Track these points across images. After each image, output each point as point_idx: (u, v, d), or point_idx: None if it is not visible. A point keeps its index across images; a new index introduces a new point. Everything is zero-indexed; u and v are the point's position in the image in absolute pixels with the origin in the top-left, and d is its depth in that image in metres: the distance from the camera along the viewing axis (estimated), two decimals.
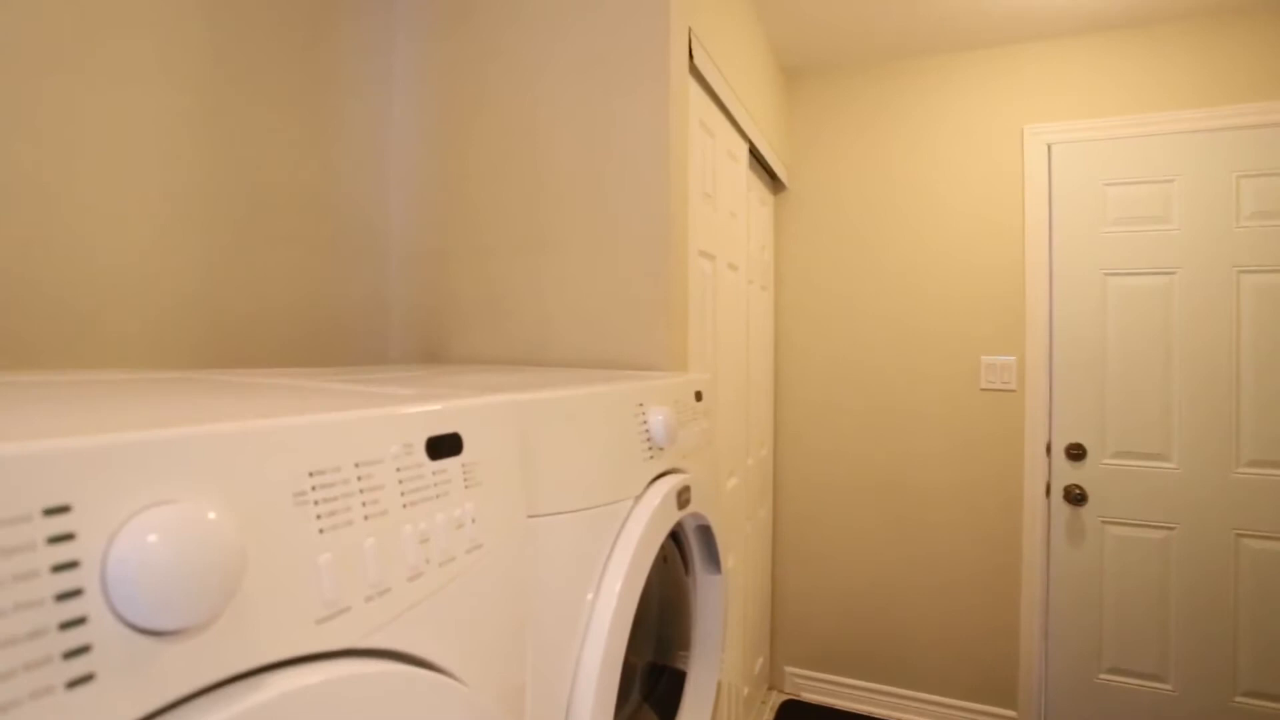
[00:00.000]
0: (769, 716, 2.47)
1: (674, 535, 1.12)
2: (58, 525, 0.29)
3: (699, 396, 1.18)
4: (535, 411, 0.67)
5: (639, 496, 0.86)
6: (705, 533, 1.11)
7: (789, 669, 2.62)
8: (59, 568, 0.28)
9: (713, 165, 1.73)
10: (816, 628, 2.58)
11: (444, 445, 0.52)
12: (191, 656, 0.33)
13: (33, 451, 0.29)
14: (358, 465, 0.44)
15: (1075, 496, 2.20)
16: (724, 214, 1.83)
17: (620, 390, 0.86)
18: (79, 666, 0.28)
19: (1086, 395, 2.21)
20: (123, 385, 0.64)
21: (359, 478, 0.44)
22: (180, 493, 0.34)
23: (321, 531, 0.40)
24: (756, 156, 2.21)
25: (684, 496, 0.95)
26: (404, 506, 0.47)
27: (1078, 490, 2.20)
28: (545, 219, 1.47)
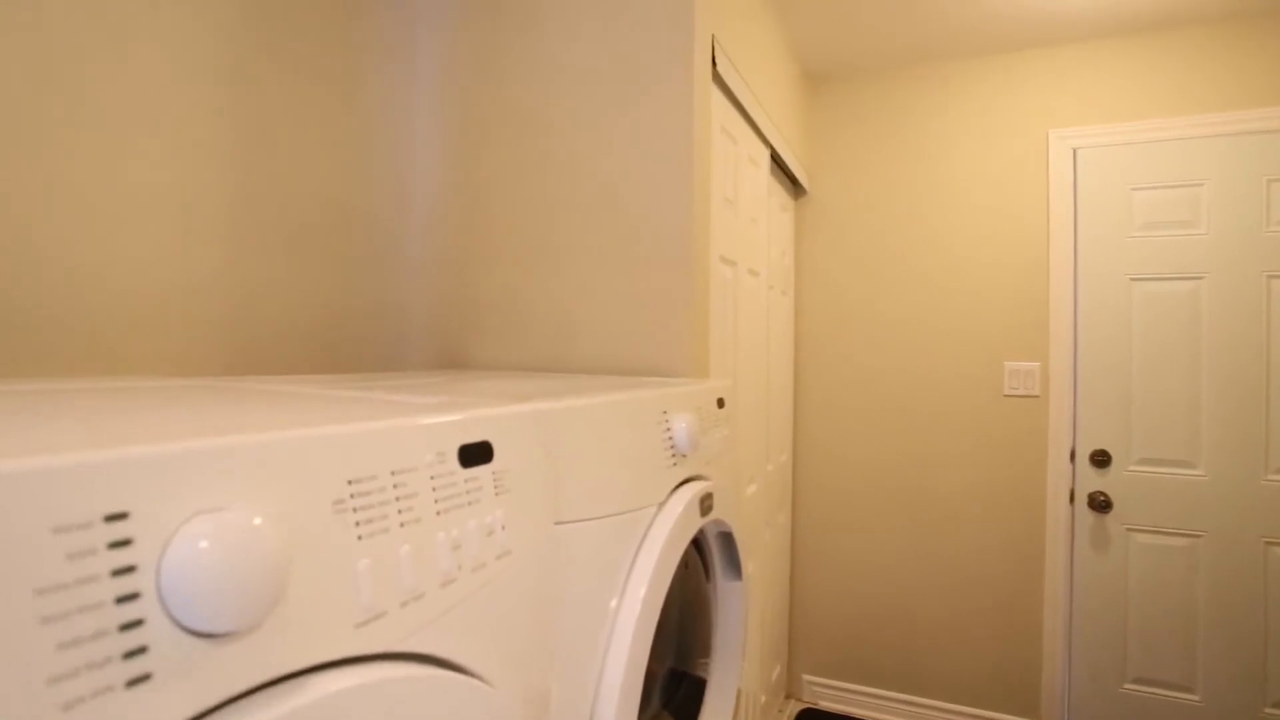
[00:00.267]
0: None
1: (695, 541, 1.12)
2: (117, 531, 0.30)
3: (721, 403, 1.18)
4: (562, 419, 0.68)
5: (662, 504, 0.87)
6: (727, 539, 1.11)
7: (807, 677, 2.61)
8: (118, 572, 0.30)
9: (734, 171, 1.73)
10: (835, 635, 2.56)
11: (475, 453, 0.53)
12: (240, 658, 0.34)
13: (94, 460, 0.30)
14: (393, 474, 0.45)
15: (1100, 503, 2.17)
16: (745, 219, 1.83)
17: (644, 398, 0.86)
18: (137, 666, 0.30)
19: (1111, 401, 2.18)
20: (156, 393, 0.66)
21: (395, 485, 0.45)
22: (227, 500, 0.35)
23: (360, 538, 0.41)
24: (777, 161, 2.21)
25: (706, 503, 0.95)
26: (437, 514, 0.48)
27: (1102, 497, 2.17)
28: (567, 225, 1.48)
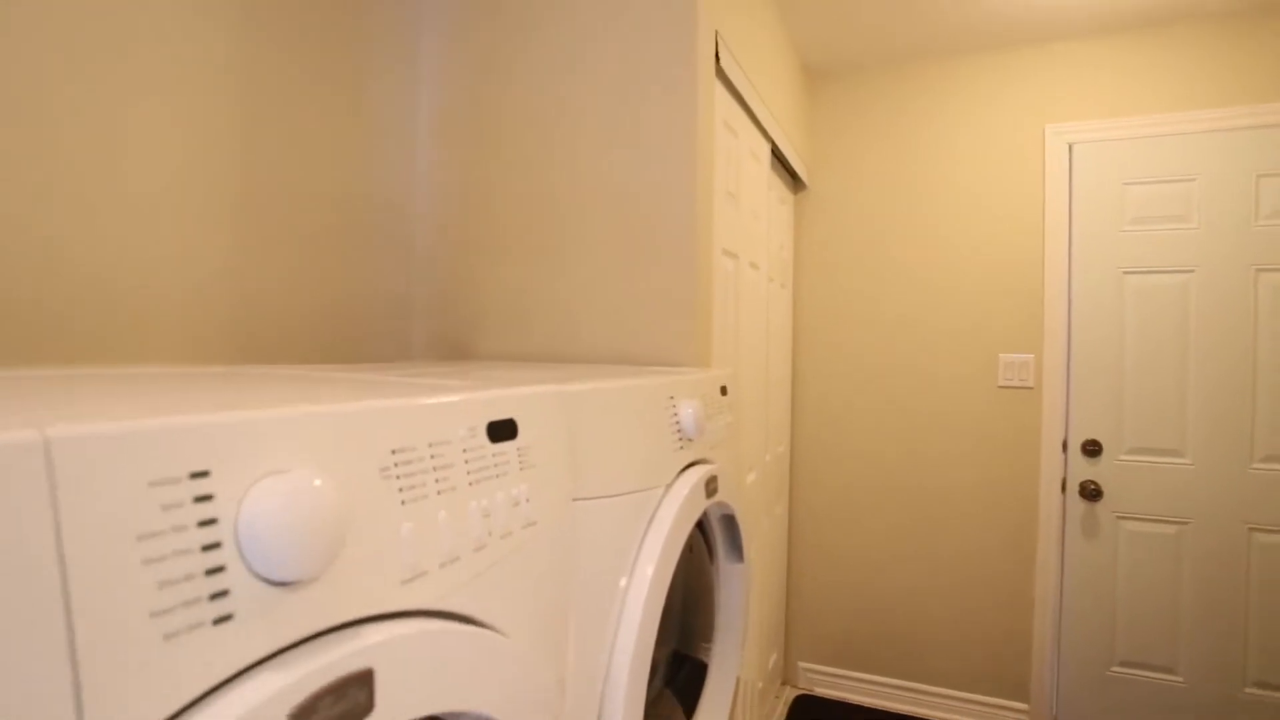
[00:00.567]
0: (782, 711, 2.51)
1: (699, 524, 1.16)
2: (200, 487, 0.34)
3: (724, 391, 1.22)
4: (579, 401, 0.71)
5: (670, 485, 0.91)
6: (730, 522, 1.15)
7: (803, 664, 2.66)
8: (203, 523, 0.33)
9: (736, 165, 1.76)
10: (830, 623, 2.61)
11: (502, 430, 0.56)
12: (304, 606, 0.37)
13: (180, 424, 0.33)
14: (431, 445, 0.48)
15: (1091, 492, 2.22)
16: (746, 213, 1.87)
17: (653, 383, 0.90)
18: (221, 607, 0.33)
19: (1103, 392, 2.23)
20: (186, 378, 0.69)
21: (432, 456, 0.48)
22: (289, 463, 0.38)
23: (403, 503, 0.45)
24: (777, 156, 2.24)
25: (711, 486, 0.99)
26: (470, 484, 0.51)
27: (1093, 486, 2.22)
28: (571, 219, 1.51)
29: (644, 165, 1.44)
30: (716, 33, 1.53)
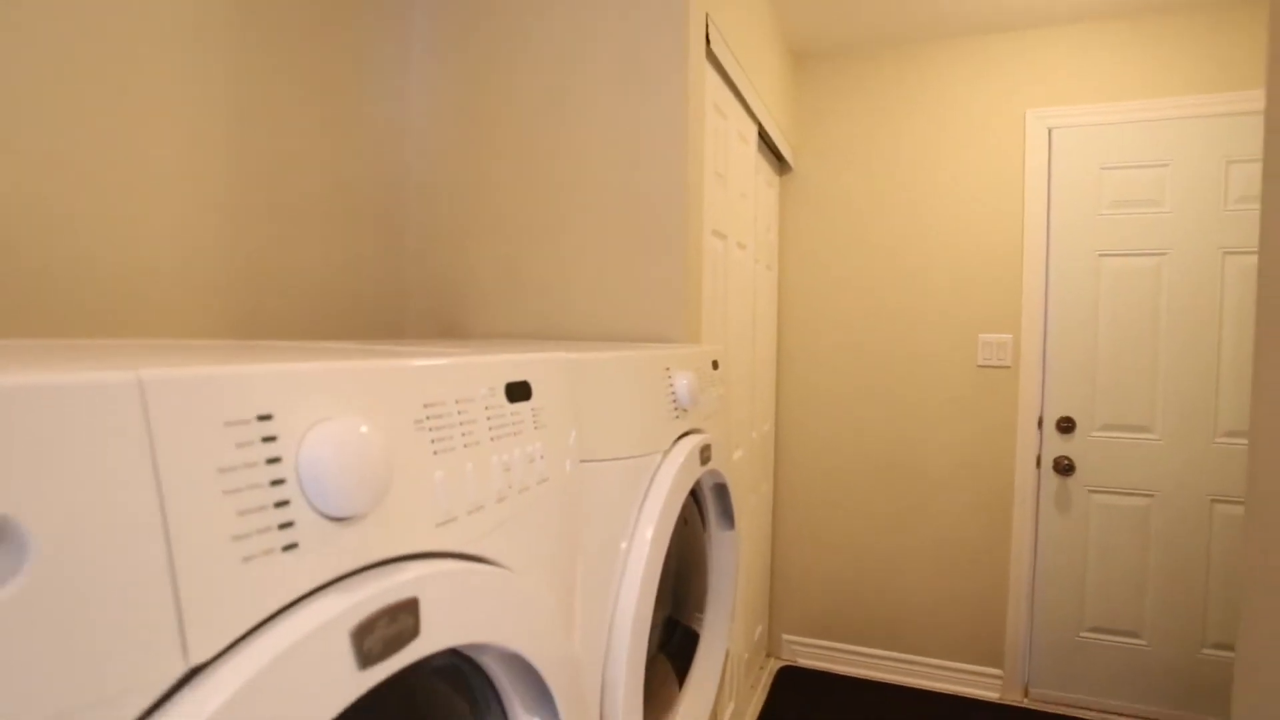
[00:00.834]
0: (767, 681, 2.58)
1: (693, 493, 1.21)
2: (266, 429, 0.37)
3: (715, 365, 1.26)
4: (584, 369, 0.75)
5: (667, 451, 0.95)
6: (721, 491, 1.20)
7: (786, 637, 2.73)
8: (270, 461, 0.37)
9: (725, 146, 1.80)
10: (813, 597, 2.69)
11: (518, 391, 0.60)
12: (358, 540, 0.41)
13: (248, 371, 0.37)
14: (457, 402, 0.52)
15: (1064, 467, 2.30)
16: (734, 194, 1.90)
17: (650, 355, 0.94)
18: (288, 536, 0.37)
19: (1078, 371, 2.31)
20: (202, 350, 0.72)
21: (459, 412, 0.52)
22: (334, 413, 0.42)
23: (435, 453, 0.49)
24: (764, 139, 2.28)
25: (705, 454, 1.04)
26: (491, 439, 0.55)
27: (1066, 461, 2.30)
28: (564, 197, 1.54)
29: (637, 145, 1.47)
30: (707, 15, 1.56)
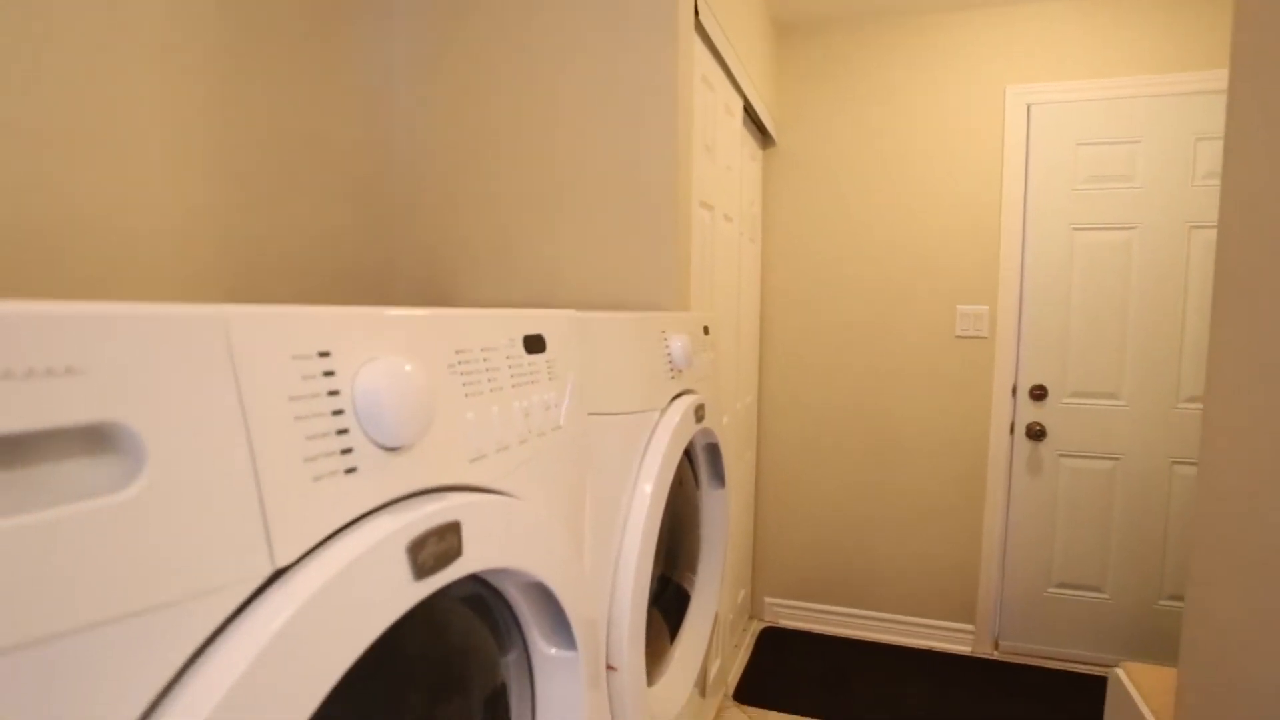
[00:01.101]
0: (750, 642, 2.67)
1: (686, 453, 1.26)
2: (326, 364, 0.41)
3: (706, 330, 1.31)
4: (589, 326, 0.79)
5: (664, 409, 1.00)
6: (713, 450, 1.25)
7: (768, 599, 2.82)
8: (331, 393, 0.41)
9: (712, 119, 1.82)
10: (794, 561, 2.77)
11: (535, 343, 0.64)
12: (406, 468, 0.45)
13: (308, 312, 0.41)
14: (483, 350, 0.56)
15: (1036, 433, 2.40)
16: (721, 167, 1.94)
17: (648, 317, 0.98)
18: (349, 461, 0.41)
19: (1051, 340, 2.39)
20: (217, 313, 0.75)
21: (484, 359, 0.56)
22: (381, 353, 0.46)
23: (466, 395, 0.53)
24: (749, 112, 2.30)
25: (700, 412, 1.09)
26: (513, 386, 0.59)
27: (1038, 427, 2.39)
28: (557, 168, 1.57)
29: (628, 115, 1.50)
30: None
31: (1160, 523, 2.31)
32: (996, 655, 2.52)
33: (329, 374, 0.41)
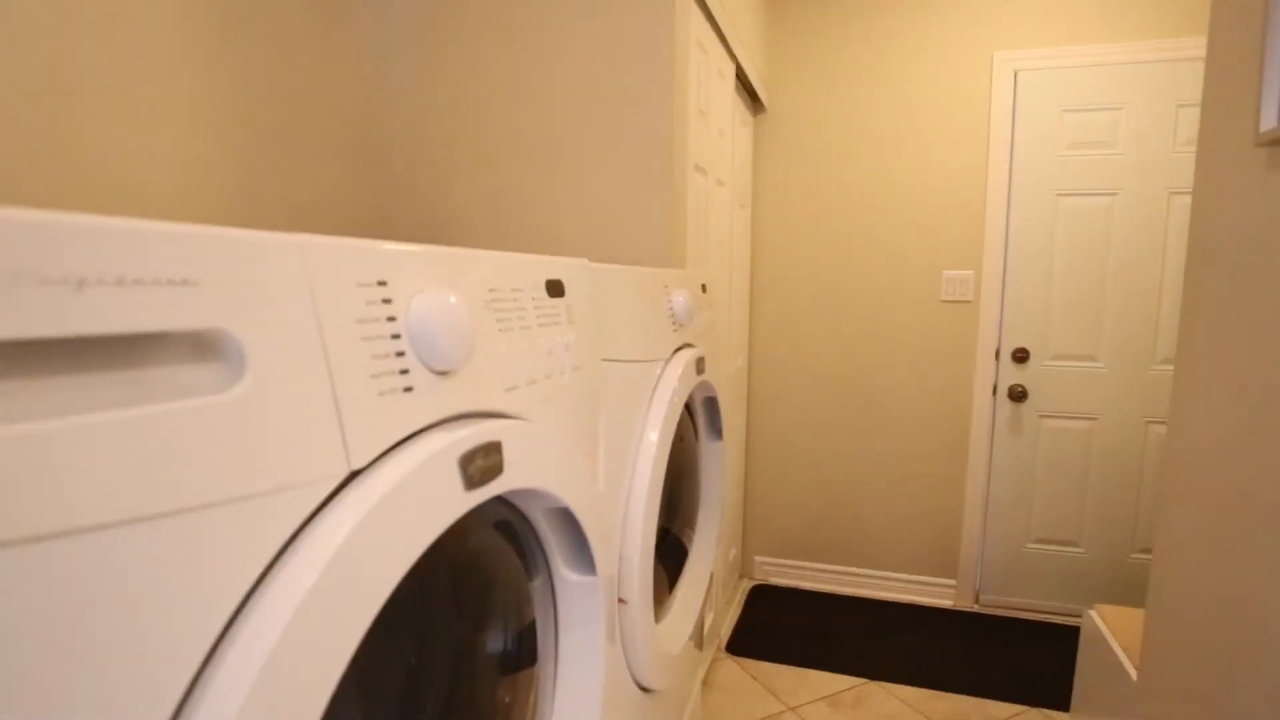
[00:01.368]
0: (741, 599, 2.76)
1: (686, 406, 1.30)
2: (383, 292, 0.45)
3: (704, 289, 1.35)
4: (600, 276, 0.83)
5: (667, 360, 1.04)
6: (712, 403, 1.30)
7: (758, 558, 2.91)
8: (389, 318, 0.45)
9: (706, 83, 1.85)
10: (783, 520, 2.86)
11: (555, 288, 0.68)
12: (453, 391, 0.50)
13: (367, 244, 0.44)
14: (512, 290, 0.60)
15: (1018, 394, 2.47)
16: (714, 131, 1.96)
17: (652, 271, 1.02)
18: (406, 381, 0.45)
19: (1034, 304, 2.45)
20: None
21: (513, 299, 0.60)
22: (427, 286, 0.50)
23: (500, 330, 0.57)
24: (741, 78, 2.32)
25: (700, 365, 1.13)
26: (538, 326, 0.63)
27: (1020, 389, 2.47)
28: (555, 130, 1.59)
29: (625, 75, 1.52)
30: None
31: (1134, 480, 2.41)
32: (977, 608, 2.62)
33: (386, 301, 0.45)
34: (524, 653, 0.73)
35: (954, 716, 2.01)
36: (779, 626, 2.50)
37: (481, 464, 0.48)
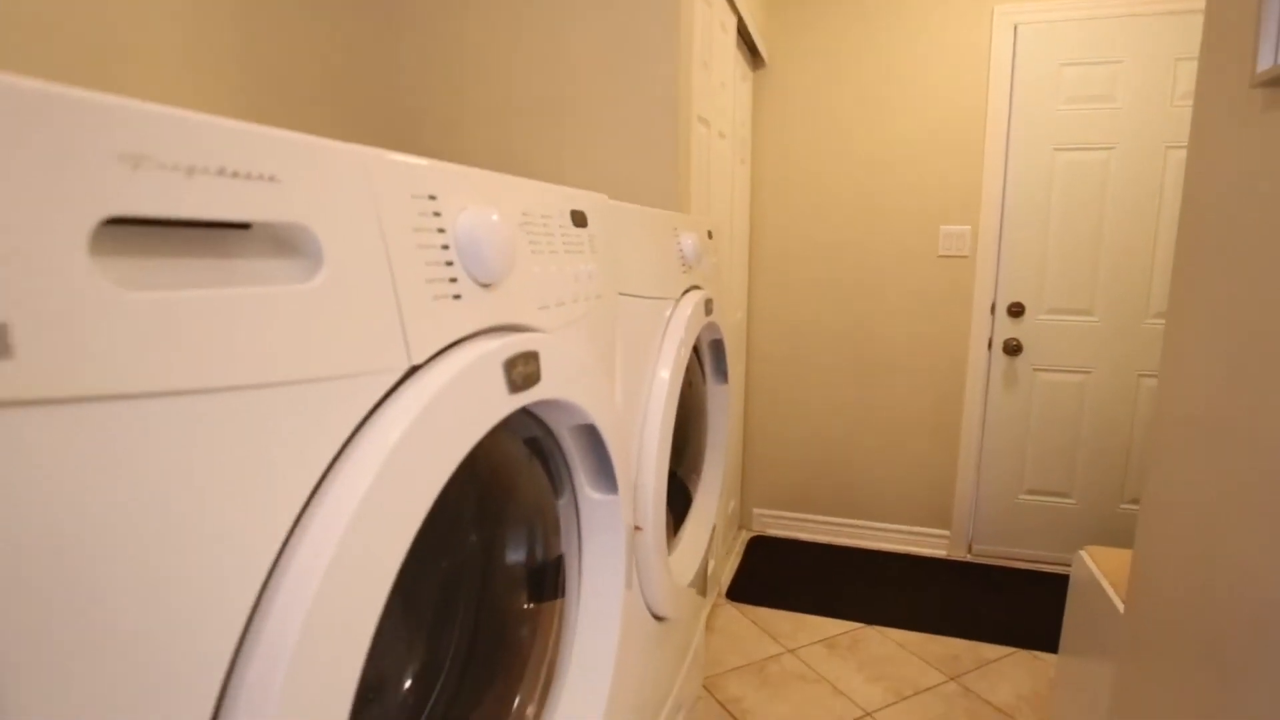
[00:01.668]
0: (740, 549, 2.84)
1: (693, 349, 1.34)
2: (434, 206, 0.48)
3: (710, 235, 1.38)
4: (615, 213, 0.86)
5: (678, 300, 1.08)
6: (718, 346, 1.34)
7: (757, 510, 2.98)
8: (439, 230, 0.48)
9: (708, 35, 1.85)
10: (781, 473, 2.92)
11: (579, 218, 0.71)
12: (494, 303, 0.53)
13: (416, 161, 0.47)
14: (543, 216, 0.63)
15: (1013, 348, 2.52)
16: (716, 84, 1.97)
17: (663, 213, 1.05)
18: (455, 289, 0.49)
19: (1030, 259, 2.49)
20: None
21: (544, 224, 0.63)
22: (470, 204, 0.53)
23: (533, 252, 0.60)
24: (742, 33, 2.31)
25: (709, 306, 1.17)
26: (565, 252, 0.67)
27: (1015, 343, 2.52)
28: (563, 82, 1.60)
29: (631, 25, 1.53)
30: None
31: (1125, 432, 2.47)
32: (969, 557, 2.70)
33: (436, 214, 0.48)
34: (548, 584, 0.77)
35: (946, 658, 2.09)
36: (777, 575, 2.58)
37: (522, 370, 0.52)
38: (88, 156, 0.27)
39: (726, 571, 2.59)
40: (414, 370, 0.44)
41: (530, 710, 0.70)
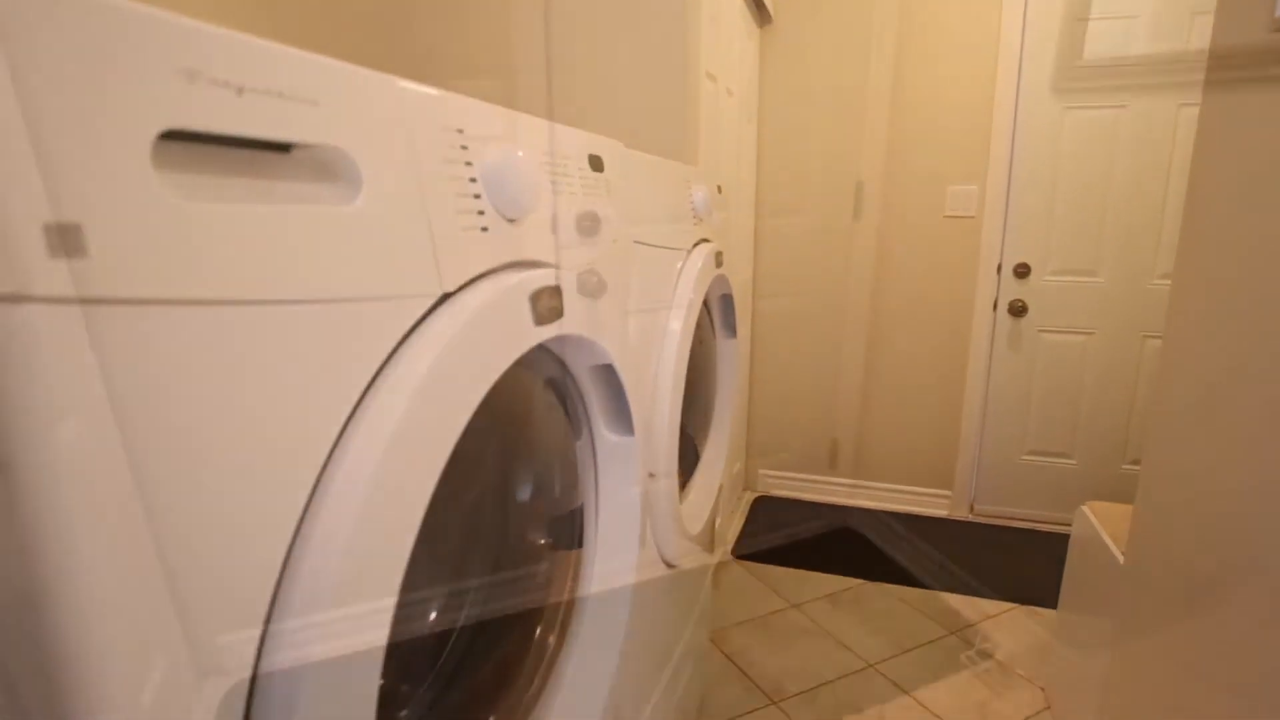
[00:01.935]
0: (744, 509, 2.88)
1: (703, 303, 1.35)
2: (462, 139, 0.49)
3: (719, 190, 1.38)
4: (629, 161, 0.86)
5: (689, 251, 1.08)
6: (727, 300, 1.35)
7: (761, 471, 3.01)
8: (466, 163, 0.49)
9: None
10: (786, 433, 2.95)
11: (597, 163, 0.72)
12: (519, 237, 0.54)
13: (443, 95, 0.48)
14: (563, 157, 0.64)
15: (1018, 309, 2.53)
16: (724, 39, 1.95)
17: (675, 165, 1.06)
18: (483, 222, 0.50)
19: (1036, 219, 2.48)
20: None
21: (563, 166, 0.64)
22: (494, 139, 0.54)
23: (555, 192, 0.61)
24: None
25: (719, 259, 1.18)
26: (584, 193, 0.67)
27: (1020, 304, 2.52)
28: (573, 35, 1.58)
29: None
30: None
31: (1128, 394, 2.49)
32: (971, 517, 2.74)
33: (464, 148, 0.49)
34: (566, 534, 0.79)
35: (947, 612, 2.14)
36: (781, 535, 2.62)
37: (547, 304, 0.54)
38: (152, 69, 0.28)
39: (732, 530, 2.64)
40: (446, 297, 0.46)
41: (551, 639, 0.73)
